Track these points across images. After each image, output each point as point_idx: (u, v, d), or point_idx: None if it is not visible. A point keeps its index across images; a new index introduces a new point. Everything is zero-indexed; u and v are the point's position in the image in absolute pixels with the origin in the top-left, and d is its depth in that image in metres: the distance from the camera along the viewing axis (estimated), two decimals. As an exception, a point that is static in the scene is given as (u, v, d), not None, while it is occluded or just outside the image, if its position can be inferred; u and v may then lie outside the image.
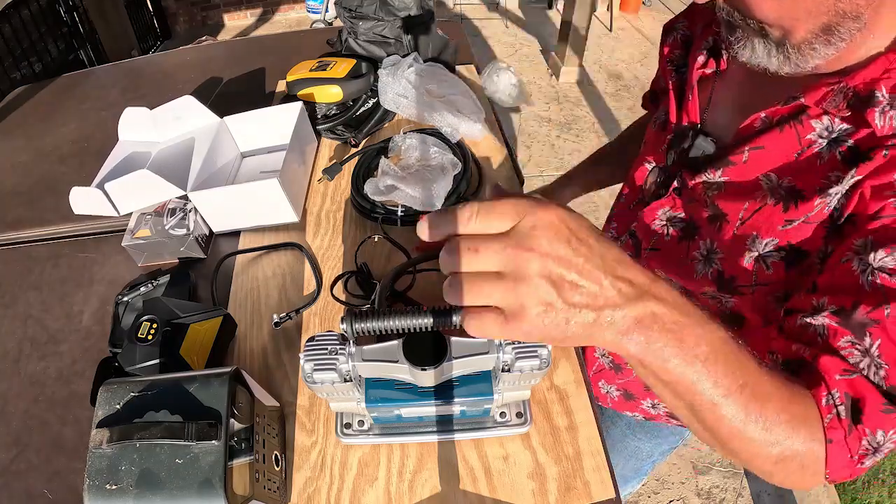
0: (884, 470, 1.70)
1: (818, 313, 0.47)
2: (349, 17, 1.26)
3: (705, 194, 0.61)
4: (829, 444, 0.44)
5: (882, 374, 0.44)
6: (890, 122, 0.47)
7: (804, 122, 0.53)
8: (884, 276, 0.45)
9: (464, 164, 1.01)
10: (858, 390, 0.44)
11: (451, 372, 0.59)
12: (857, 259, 0.47)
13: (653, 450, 1.00)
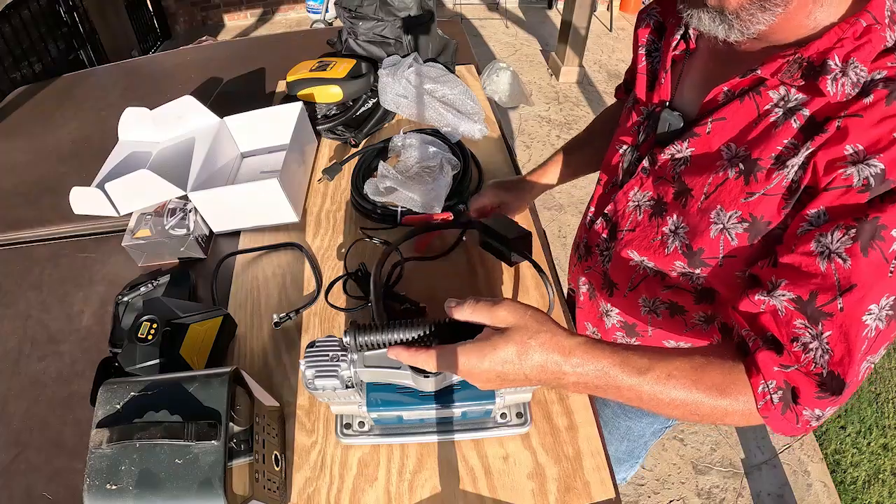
0: (884, 470, 1.70)
1: (775, 291, 0.52)
2: (349, 17, 1.26)
3: (673, 171, 0.64)
4: (766, 419, 0.53)
5: (826, 358, 0.50)
6: (842, 88, 0.50)
7: (762, 93, 0.55)
8: (839, 262, 0.48)
9: (464, 164, 1.01)
10: (795, 381, 0.52)
11: (453, 377, 0.59)
12: (816, 240, 0.50)
13: (644, 429, 1.01)
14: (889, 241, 0.47)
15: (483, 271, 0.86)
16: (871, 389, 1.91)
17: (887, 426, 1.82)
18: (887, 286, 0.48)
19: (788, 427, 0.54)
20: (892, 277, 0.47)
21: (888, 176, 0.47)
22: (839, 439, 1.78)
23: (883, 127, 0.47)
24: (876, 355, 0.51)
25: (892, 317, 0.49)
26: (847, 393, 0.51)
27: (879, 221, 0.47)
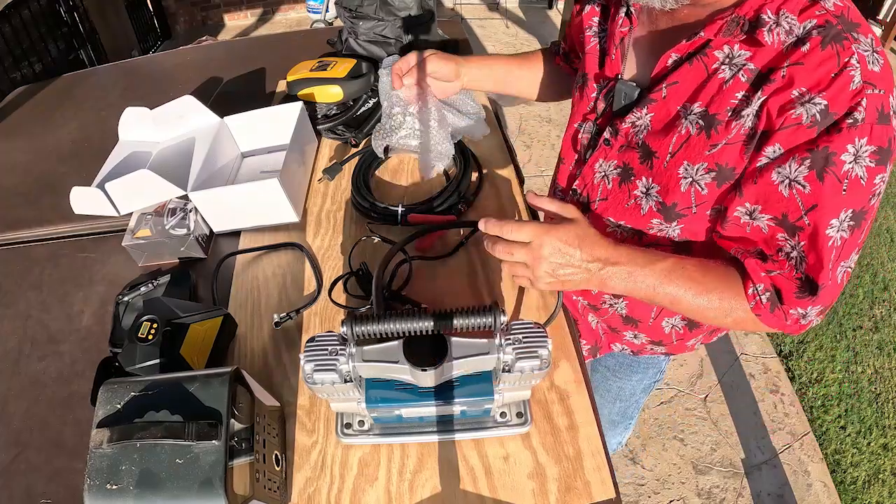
0: (884, 470, 1.70)
1: (755, 213, 0.62)
2: (349, 17, 1.26)
3: (636, 137, 0.69)
4: (759, 317, 0.65)
5: (804, 266, 0.61)
6: (777, 37, 0.56)
7: (708, 54, 0.61)
8: (799, 188, 0.58)
9: (464, 163, 1.01)
10: (779, 284, 0.63)
11: (452, 372, 0.59)
12: (776, 171, 0.58)
13: (634, 387, 1.06)
14: (839, 164, 0.55)
15: (484, 272, 0.86)
16: (871, 389, 1.91)
17: (887, 426, 1.82)
18: (843, 202, 0.57)
19: (779, 323, 0.65)
20: (845, 194, 0.56)
21: (831, 109, 0.54)
22: (839, 439, 1.78)
23: (822, 69, 0.54)
24: (848, 260, 0.60)
25: (853, 227, 0.58)
26: (825, 294, 0.61)
27: (829, 150, 0.55)
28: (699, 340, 0.91)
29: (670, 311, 0.82)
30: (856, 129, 0.54)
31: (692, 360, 1.98)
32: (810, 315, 0.64)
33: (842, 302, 2.20)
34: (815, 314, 0.64)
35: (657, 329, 0.87)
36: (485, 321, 0.55)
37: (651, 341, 0.91)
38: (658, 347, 0.93)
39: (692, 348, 0.94)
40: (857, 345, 2.05)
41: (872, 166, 0.55)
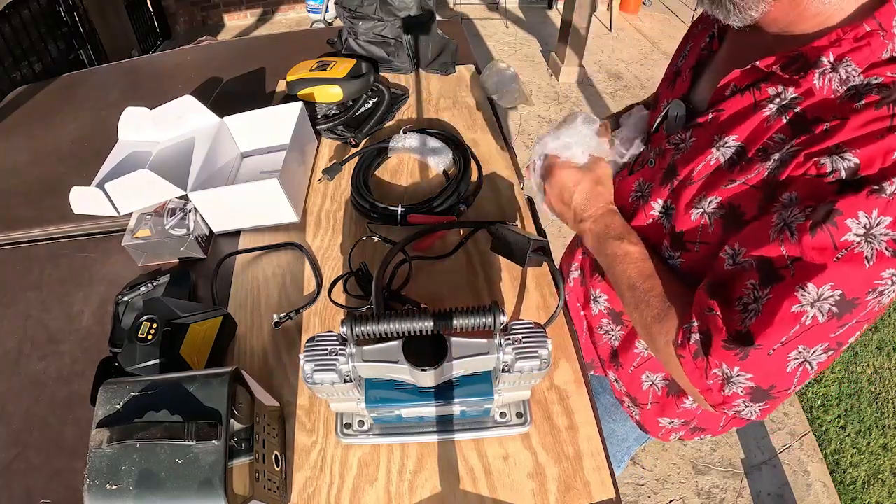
0: (884, 470, 1.71)
1: (738, 256, 0.54)
2: (349, 17, 1.26)
3: (672, 158, 0.65)
4: (681, 359, 0.57)
5: (753, 319, 0.51)
6: (829, 83, 0.51)
7: (762, 88, 0.56)
8: (787, 234, 0.49)
9: (464, 163, 1.01)
10: (711, 327, 0.54)
11: (451, 372, 0.59)
12: (779, 214, 0.51)
13: (628, 433, 1.00)
14: (841, 228, 0.46)
15: (484, 272, 0.86)
16: (871, 389, 1.91)
17: (887, 426, 1.82)
18: (832, 274, 0.47)
19: (699, 378, 0.56)
20: (837, 264, 0.46)
21: (861, 171, 0.46)
22: (839, 439, 1.78)
23: (866, 129, 0.47)
24: (811, 351, 0.50)
25: (834, 314, 0.48)
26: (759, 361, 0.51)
27: (836, 206, 0.46)
28: (676, 428, 0.85)
29: (653, 366, 0.79)
30: (878, 200, 0.45)
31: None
32: (735, 384, 0.53)
33: (841, 302, 2.20)
34: (742, 389, 0.53)
35: (636, 381, 0.82)
36: (484, 321, 0.55)
37: (628, 395, 0.86)
38: (634, 409, 0.88)
39: (666, 437, 0.88)
40: (856, 345, 2.05)
41: (887, 255, 0.45)
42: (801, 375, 0.52)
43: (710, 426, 0.83)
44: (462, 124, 1.17)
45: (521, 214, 0.96)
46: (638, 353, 0.80)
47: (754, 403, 0.55)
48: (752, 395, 0.54)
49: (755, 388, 0.53)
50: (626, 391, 0.86)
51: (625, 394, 0.88)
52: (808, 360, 0.51)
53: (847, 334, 0.50)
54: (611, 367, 0.87)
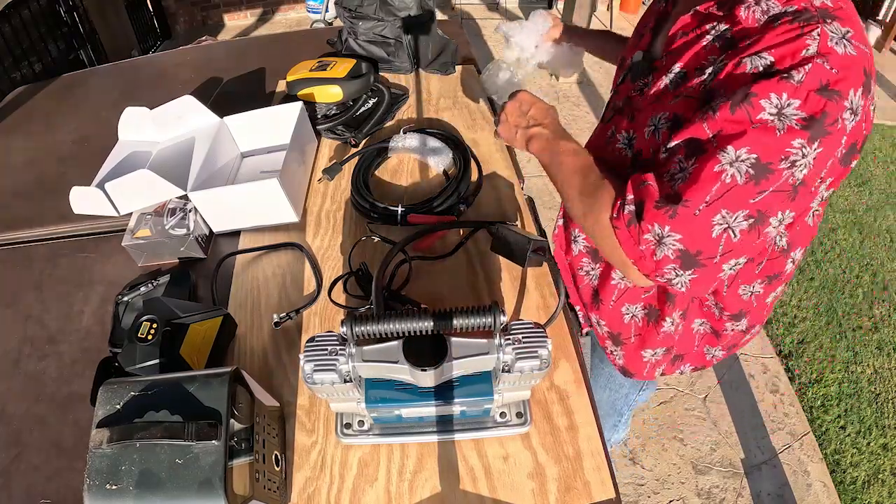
0: (884, 470, 1.71)
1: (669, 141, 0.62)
2: (349, 17, 1.26)
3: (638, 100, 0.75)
4: (616, 230, 0.63)
5: (678, 184, 0.59)
6: (752, 14, 0.60)
7: (702, 28, 0.66)
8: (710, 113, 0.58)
9: (464, 163, 1.01)
10: (644, 196, 0.61)
11: (451, 372, 0.59)
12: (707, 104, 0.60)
13: (624, 379, 1.03)
14: (756, 107, 0.55)
15: (484, 272, 0.86)
16: (870, 389, 1.91)
17: (887, 426, 1.82)
18: (748, 140, 0.55)
19: (632, 246, 0.62)
20: (754, 132, 0.55)
21: (775, 65, 0.55)
22: (839, 439, 1.78)
23: (780, 38, 0.56)
24: (733, 215, 0.57)
25: (751, 175, 0.56)
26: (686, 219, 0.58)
27: (751, 90, 0.55)
28: (658, 360, 0.90)
29: (631, 297, 0.86)
30: (787, 85, 0.53)
31: (692, 360, 1.98)
32: (665, 245, 0.59)
33: (841, 302, 2.20)
34: (672, 251, 0.59)
35: (617, 315, 0.88)
36: (484, 321, 0.55)
37: (610, 334, 0.93)
38: (618, 351, 0.93)
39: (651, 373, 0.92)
40: (856, 345, 2.05)
41: (795, 127, 0.54)
42: (725, 243, 0.59)
43: (687, 350, 0.89)
44: (462, 124, 1.17)
45: (522, 214, 0.96)
46: (615, 286, 0.86)
47: (684, 271, 0.61)
48: (682, 259, 0.60)
49: (684, 251, 0.59)
50: (609, 330, 0.92)
51: (607, 335, 0.93)
52: (731, 226, 0.58)
53: (766, 204, 0.57)
54: (593, 308, 0.93)
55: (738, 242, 0.59)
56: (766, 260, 0.74)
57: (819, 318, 2.14)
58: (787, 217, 0.59)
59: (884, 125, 3.34)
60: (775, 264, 0.75)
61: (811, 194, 0.59)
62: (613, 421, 1.22)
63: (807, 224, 0.70)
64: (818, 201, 0.66)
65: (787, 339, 2.07)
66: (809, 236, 0.73)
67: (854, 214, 2.63)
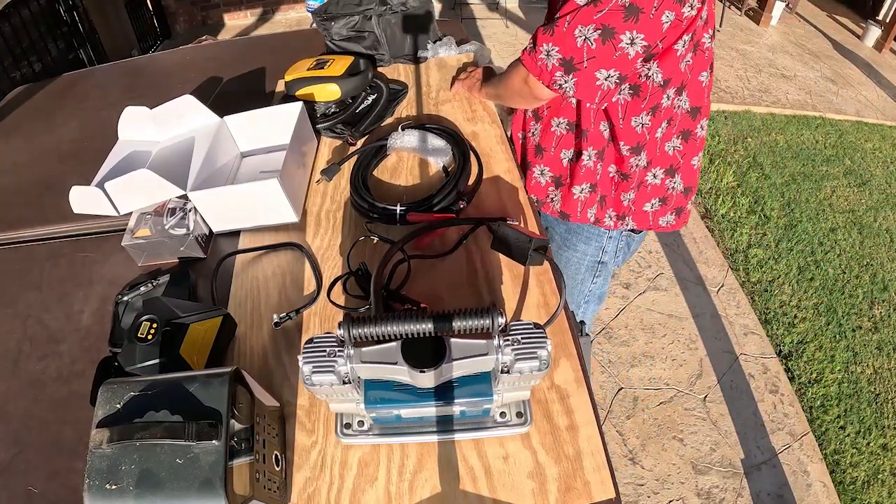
0: (884, 470, 1.71)
1: None
2: (320, 20, 1.27)
3: None
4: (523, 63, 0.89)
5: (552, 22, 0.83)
6: None
7: None
8: None
9: (463, 157, 1.01)
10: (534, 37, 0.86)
11: (451, 373, 0.59)
12: None
13: (579, 261, 1.22)
14: None
15: (483, 270, 0.86)
16: (870, 390, 1.92)
17: (886, 426, 1.82)
18: None
19: (532, 63, 0.87)
20: None
21: None
22: (839, 439, 1.78)
23: None
24: (586, 27, 0.79)
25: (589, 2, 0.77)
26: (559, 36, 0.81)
27: None
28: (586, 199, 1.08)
29: (568, 142, 1.04)
30: None
31: (692, 360, 1.98)
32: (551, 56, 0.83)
33: (841, 302, 2.20)
34: (556, 60, 0.83)
35: (557, 160, 1.07)
36: (483, 322, 0.55)
37: (553, 178, 1.10)
38: (556, 195, 1.11)
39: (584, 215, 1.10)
40: (856, 345, 2.05)
41: None
42: (587, 50, 0.80)
43: (607, 192, 1.07)
44: (461, 117, 1.17)
45: (523, 211, 0.96)
46: (553, 133, 1.05)
47: (567, 75, 0.84)
48: (563, 66, 0.83)
49: (562, 59, 0.83)
50: (552, 175, 1.10)
51: (551, 180, 1.11)
52: (587, 36, 0.79)
53: (607, 19, 0.77)
54: (537, 161, 1.11)
55: (598, 51, 0.80)
56: (648, 95, 0.92)
57: (819, 318, 2.14)
58: (637, 39, 0.79)
59: (884, 125, 3.34)
60: (655, 98, 0.93)
61: (651, 21, 0.78)
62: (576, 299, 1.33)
63: (677, 60, 0.88)
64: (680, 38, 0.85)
65: (787, 339, 2.07)
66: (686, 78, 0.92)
67: (854, 214, 2.63)
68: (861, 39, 4.18)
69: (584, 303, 1.34)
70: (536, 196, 1.15)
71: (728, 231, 2.54)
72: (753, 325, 2.12)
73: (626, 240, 1.18)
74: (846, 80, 3.79)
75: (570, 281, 1.27)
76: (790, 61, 3.96)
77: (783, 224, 2.56)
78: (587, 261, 1.22)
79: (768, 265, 2.36)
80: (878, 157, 3.05)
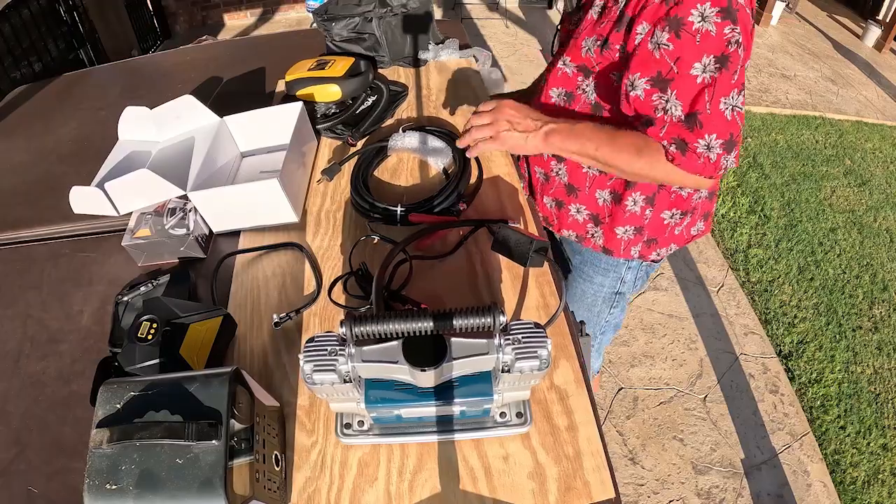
0: (884, 470, 1.70)
1: (635, 84, 0.81)
2: (321, 21, 1.27)
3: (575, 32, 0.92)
4: (678, 165, 0.80)
5: (679, 109, 0.78)
6: None
7: None
8: (665, 48, 0.76)
9: (464, 162, 1.01)
10: (674, 133, 0.79)
11: (451, 372, 0.59)
12: (649, 41, 0.78)
13: (596, 293, 1.18)
14: (689, 24, 0.74)
15: (484, 271, 0.86)
16: (870, 390, 1.91)
17: (887, 426, 1.82)
18: (701, 49, 0.74)
19: (695, 164, 0.79)
20: (700, 44, 0.74)
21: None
22: (839, 439, 1.78)
23: None
24: (729, 97, 0.76)
25: (719, 67, 0.75)
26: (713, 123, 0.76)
27: (679, 15, 0.74)
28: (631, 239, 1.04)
29: (601, 183, 1.00)
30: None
31: (692, 360, 1.98)
32: (714, 147, 0.77)
33: (841, 302, 2.20)
34: (719, 146, 0.77)
35: (592, 199, 1.03)
36: (484, 321, 0.55)
37: (591, 215, 1.05)
38: (597, 231, 1.06)
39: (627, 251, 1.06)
40: (856, 345, 2.05)
41: (719, 21, 0.73)
42: (738, 117, 0.78)
43: (659, 235, 1.05)
44: (462, 120, 1.17)
45: (523, 212, 0.96)
46: (585, 174, 1.01)
47: (728, 154, 0.78)
48: (725, 147, 0.78)
49: (724, 141, 0.78)
50: (589, 212, 1.06)
51: (589, 217, 1.06)
52: (732, 105, 0.77)
53: (738, 75, 0.76)
54: (571, 200, 1.06)
55: (742, 109, 0.78)
56: None
57: (819, 318, 2.14)
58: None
59: (884, 125, 3.34)
60: None
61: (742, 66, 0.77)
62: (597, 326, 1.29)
63: None
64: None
65: (787, 339, 2.07)
66: None
67: (854, 214, 2.63)
68: (861, 39, 4.18)
69: (601, 333, 1.30)
70: (575, 232, 1.10)
71: (728, 231, 2.54)
72: (753, 324, 2.12)
73: (646, 269, 1.14)
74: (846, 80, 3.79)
75: (585, 313, 1.23)
76: (790, 61, 3.96)
77: (783, 224, 2.56)
78: (604, 292, 1.18)
79: (768, 265, 2.36)
80: (878, 157, 3.04)
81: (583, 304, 1.23)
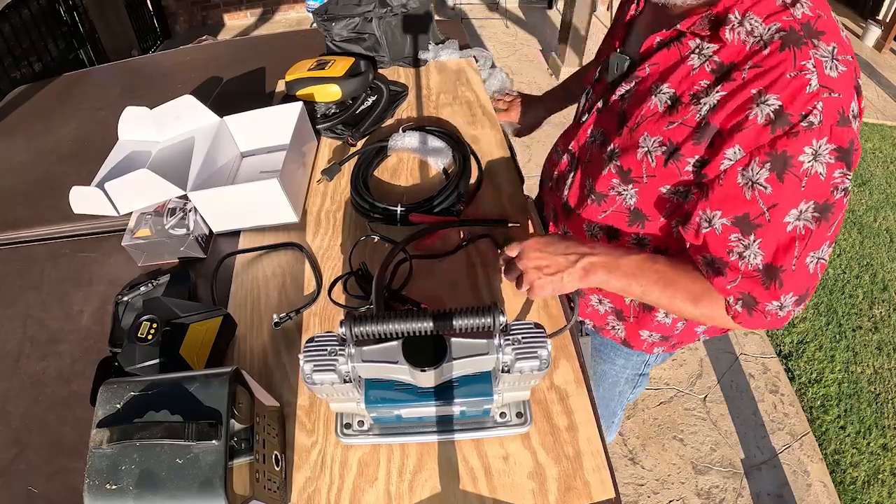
0: (884, 470, 1.71)
1: (713, 219, 0.66)
2: (321, 21, 1.27)
3: (620, 107, 0.76)
4: (741, 324, 0.70)
5: (759, 259, 0.64)
6: (738, 36, 0.62)
7: (683, 42, 0.68)
8: (762, 189, 0.61)
9: (464, 161, 1.01)
10: (745, 288, 0.67)
11: (451, 373, 0.59)
12: (741, 174, 0.62)
13: (618, 374, 1.07)
14: (797, 165, 0.59)
15: (484, 271, 0.86)
16: (870, 390, 1.91)
17: (887, 426, 1.82)
18: (803, 195, 0.60)
19: (762, 323, 0.69)
20: (805, 189, 0.60)
21: (785, 110, 0.58)
22: (839, 439, 1.78)
23: (777, 71, 0.58)
24: (819, 251, 0.64)
25: (818, 218, 0.61)
26: (792, 281, 0.64)
27: (788, 153, 0.59)
28: (656, 342, 0.93)
29: None
30: (812, 132, 0.57)
31: (692, 360, 1.98)
32: (787, 305, 0.67)
33: (841, 302, 2.20)
34: (792, 303, 0.66)
35: (619, 297, 0.90)
36: (484, 321, 0.55)
37: (614, 310, 0.93)
38: (619, 325, 0.95)
39: (650, 349, 0.95)
40: (856, 345, 2.05)
41: (832, 162, 0.59)
42: (821, 269, 0.65)
43: (687, 340, 0.95)
44: (462, 120, 1.17)
45: (523, 213, 0.96)
46: None
47: (798, 306, 0.68)
48: (798, 302, 0.67)
49: (799, 297, 0.67)
50: (613, 307, 0.93)
51: (611, 311, 0.94)
52: (820, 257, 0.64)
53: (835, 226, 0.63)
54: (592, 289, 0.94)
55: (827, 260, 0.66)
56: None
57: (819, 318, 2.14)
58: None
59: (884, 125, 3.34)
60: None
61: None
62: (607, 423, 1.22)
63: None
64: None
65: (787, 339, 2.07)
66: None
67: (854, 214, 2.63)
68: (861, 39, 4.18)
69: (621, 410, 1.21)
70: (594, 322, 0.98)
71: (728, 231, 2.54)
72: (753, 325, 2.12)
73: None
74: (846, 80, 3.79)
75: (606, 393, 1.12)
76: (790, 61, 3.96)
77: (783, 224, 2.56)
78: (627, 374, 1.07)
79: (768, 265, 2.36)
80: (878, 157, 3.04)
81: (602, 386, 1.11)
